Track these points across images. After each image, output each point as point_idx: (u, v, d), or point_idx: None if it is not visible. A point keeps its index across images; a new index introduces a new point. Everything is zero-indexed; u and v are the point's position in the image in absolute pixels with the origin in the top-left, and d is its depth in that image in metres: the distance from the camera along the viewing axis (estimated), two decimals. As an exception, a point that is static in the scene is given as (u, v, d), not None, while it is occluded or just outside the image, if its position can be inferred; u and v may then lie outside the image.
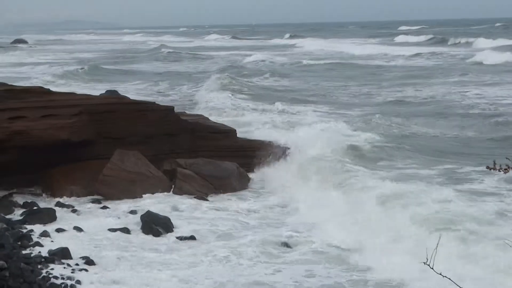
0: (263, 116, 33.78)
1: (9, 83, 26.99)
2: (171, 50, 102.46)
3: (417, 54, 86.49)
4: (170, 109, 24.78)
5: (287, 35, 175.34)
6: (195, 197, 20.93)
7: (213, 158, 23.40)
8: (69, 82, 52.19)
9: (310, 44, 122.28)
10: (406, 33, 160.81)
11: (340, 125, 28.25)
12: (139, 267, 15.23)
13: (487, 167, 6.66)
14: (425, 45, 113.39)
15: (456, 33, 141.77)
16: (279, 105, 37.24)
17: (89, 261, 15.47)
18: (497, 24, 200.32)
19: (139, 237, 17.43)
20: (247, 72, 61.48)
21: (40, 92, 23.20)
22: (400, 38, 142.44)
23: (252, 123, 30.79)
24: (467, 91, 45.52)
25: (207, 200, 20.93)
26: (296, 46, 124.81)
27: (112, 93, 37.96)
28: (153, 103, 25.38)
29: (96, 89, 42.73)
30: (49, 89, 24.28)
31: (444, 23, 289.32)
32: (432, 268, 6.05)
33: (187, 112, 28.17)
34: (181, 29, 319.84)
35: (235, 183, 22.31)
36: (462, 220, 16.04)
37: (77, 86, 47.91)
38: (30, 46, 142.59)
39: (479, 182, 20.93)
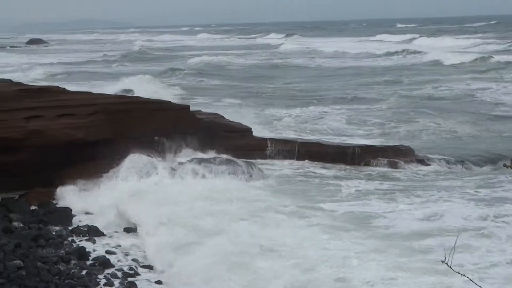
0: None
1: None
2: (147, 51, 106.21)
3: (372, 54, 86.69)
4: (185, 107, 24.80)
5: (272, 35, 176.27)
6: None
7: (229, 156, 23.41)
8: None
9: (291, 43, 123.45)
10: (389, 32, 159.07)
11: None
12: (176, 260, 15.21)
13: (504, 165, 6.58)
14: (399, 43, 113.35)
15: (438, 32, 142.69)
16: None
17: (105, 261, 15.49)
18: (492, 22, 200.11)
19: (166, 232, 17.33)
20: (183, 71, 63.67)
21: (56, 91, 23.23)
22: (380, 37, 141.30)
23: None
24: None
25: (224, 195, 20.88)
26: (274, 45, 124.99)
27: (126, 93, 38.07)
28: (169, 102, 25.39)
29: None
30: (65, 88, 24.34)
31: (444, 20, 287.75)
32: (450, 267, 6.02)
33: (203, 110, 28.16)
34: (182, 29, 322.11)
35: (250, 179, 22.28)
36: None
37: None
38: (46, 46, 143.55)
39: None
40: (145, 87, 44.18)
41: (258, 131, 27.37)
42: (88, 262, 15.54)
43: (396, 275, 13.87)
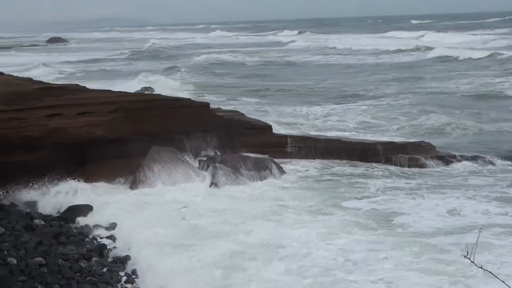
0: None
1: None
2: (159, 49, 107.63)
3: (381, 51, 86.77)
4: (205, 105, 24.79)
5: (285, 32, 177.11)
6: (231, 191, 20.87)
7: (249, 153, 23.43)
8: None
9: (305, 40, 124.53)
10: (402, 28, 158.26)
11: None
12: (176, 261, 15.19)
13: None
14: (411, 39, 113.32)
15: (452, 27, 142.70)
16: None
17: (126, 257, 15.52)
18: (507, 17, 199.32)
19: (176, 232, 17.38)
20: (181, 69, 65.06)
21: (76, 89, 23.31)
22: (391, 33, 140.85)
23: None
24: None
25: (243, 192, 20.88)
26: (285, 42, 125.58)
27: (146, 90, 38.16)
28: (189, 99, 25.41)
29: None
30: (85, 86, 24.42)
31: (460, 16, 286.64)
32: (473, 262, 5.97)
33: (222, 108, 28.17)
34: (198, 26, 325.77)
35: (271, 177, 22.24)
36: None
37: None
38: (65, 44, 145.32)
39: None
40: (155, 85, 44.49)
41: (277, 129, 27.35)
42: (109, 259, 15.58)
43: (410, 274, 13.86)
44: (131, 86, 43.61)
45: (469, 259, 5.79)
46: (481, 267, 6.02)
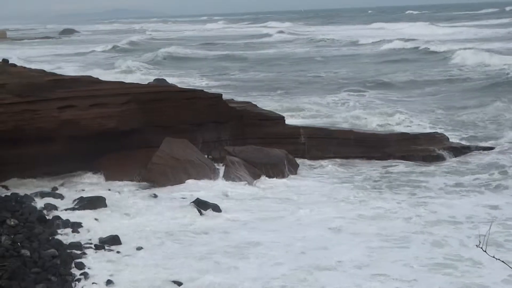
0: None
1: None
2: (139, 42, 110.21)
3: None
4: (218, 96, 24.74)
5: (271, 23, 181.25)
6: (244, 184, 20.86)
7: (262, 145, 23.33)
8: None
9: (290, 31, 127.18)
10: (393, 20, 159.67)
11: None
12: (188, 253, 15.21)
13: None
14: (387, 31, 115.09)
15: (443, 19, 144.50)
16: None
17: (138, 248, 15.53)
18: (508, 8, 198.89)
19: (187, 222, 17.39)
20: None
21: (88, 81, 23.33)
22: (375, 25, 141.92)
23: None
24: None
25: (256, 186, 20.86)
26: (269, 34, 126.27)
27: (160, 82, 38.16)
28: (201, 91, 25.34)
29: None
30: (98, 78, 24.42)
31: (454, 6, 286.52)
32: (485, 251, 5.96)
33: (235, 99, 28.09)
34: (202, 18, 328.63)
35: (284, 169, 22.19)
36: None
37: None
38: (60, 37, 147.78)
39: None
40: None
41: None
42: (122, 248, 15.56)
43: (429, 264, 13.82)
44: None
45: (481, 248, 5.80)
46: (493, 256, 6.03)
